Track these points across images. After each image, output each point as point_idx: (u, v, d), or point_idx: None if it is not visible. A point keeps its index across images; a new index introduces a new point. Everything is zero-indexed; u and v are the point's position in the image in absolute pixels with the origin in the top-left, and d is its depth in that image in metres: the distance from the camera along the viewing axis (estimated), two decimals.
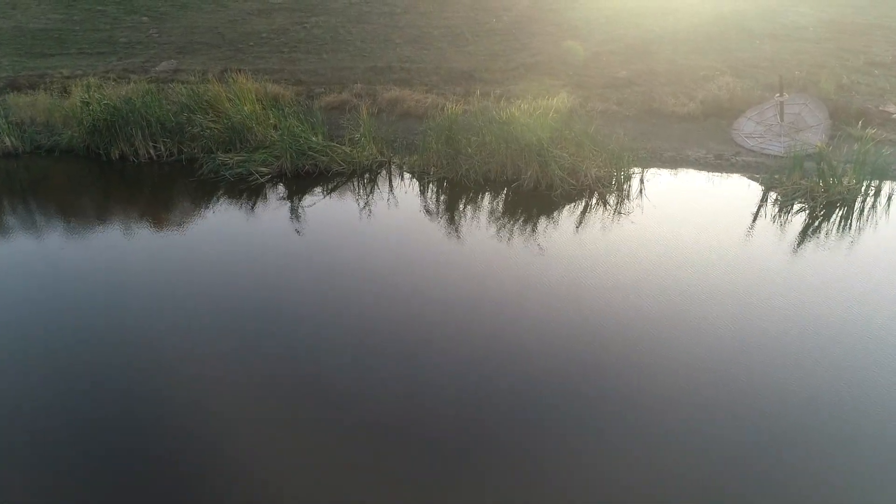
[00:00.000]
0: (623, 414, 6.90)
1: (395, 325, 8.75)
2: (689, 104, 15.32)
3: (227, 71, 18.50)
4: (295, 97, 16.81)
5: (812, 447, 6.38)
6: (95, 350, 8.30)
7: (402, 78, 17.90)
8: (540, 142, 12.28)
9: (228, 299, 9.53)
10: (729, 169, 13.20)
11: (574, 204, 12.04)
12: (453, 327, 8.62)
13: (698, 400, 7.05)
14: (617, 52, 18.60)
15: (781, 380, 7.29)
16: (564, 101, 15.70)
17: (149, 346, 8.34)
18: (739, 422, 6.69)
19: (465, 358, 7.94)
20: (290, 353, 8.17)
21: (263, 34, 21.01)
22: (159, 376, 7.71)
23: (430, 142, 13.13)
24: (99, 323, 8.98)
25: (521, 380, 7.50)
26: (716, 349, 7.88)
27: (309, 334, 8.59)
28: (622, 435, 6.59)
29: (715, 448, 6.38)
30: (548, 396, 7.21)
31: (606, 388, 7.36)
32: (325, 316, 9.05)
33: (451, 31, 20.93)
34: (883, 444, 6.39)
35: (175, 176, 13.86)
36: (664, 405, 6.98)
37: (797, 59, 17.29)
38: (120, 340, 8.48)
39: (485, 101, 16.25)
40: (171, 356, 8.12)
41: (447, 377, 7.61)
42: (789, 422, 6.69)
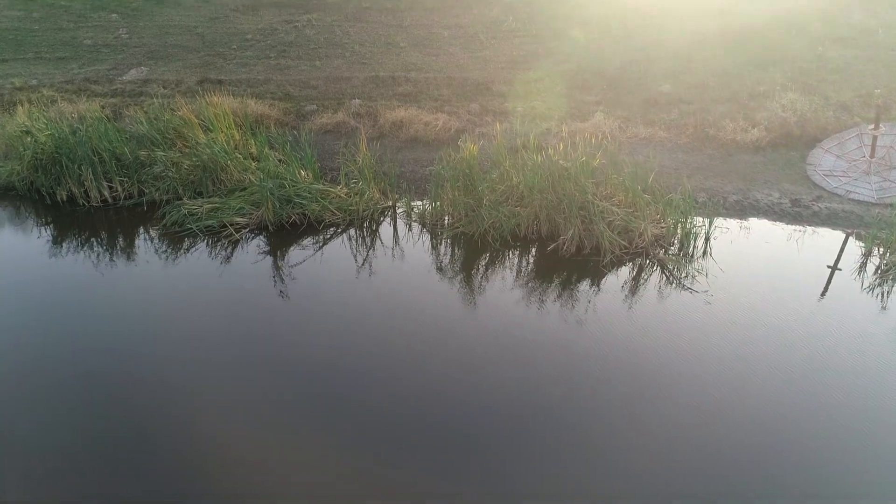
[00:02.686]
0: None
1: (405, 434, 6.81)
2: (752, 130, 12.78)
3: (205, 82, 15.96)
4: (282, 117, 14.29)
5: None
6: None
7: (407, 91, 15.33)
8: (583, 191, 9.80)
9: (190, 398, 7.32)
10: (810, 219, 10.72)
11: (626, 273, 9.61)
12: (482, 443, 6.51)
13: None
14: (658, 59, 15.98)
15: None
16: (602, 125, 13.21)
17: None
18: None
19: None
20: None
21: (248, 35, 18.37)
22: None
23: (444, 186, 10.64)
24: None
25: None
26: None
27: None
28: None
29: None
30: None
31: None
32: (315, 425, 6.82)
33: (463, 31, 18.28)
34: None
35: (131, 226, 11.40)
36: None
37: (871, 71, 14.68)
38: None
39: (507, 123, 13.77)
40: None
41: None
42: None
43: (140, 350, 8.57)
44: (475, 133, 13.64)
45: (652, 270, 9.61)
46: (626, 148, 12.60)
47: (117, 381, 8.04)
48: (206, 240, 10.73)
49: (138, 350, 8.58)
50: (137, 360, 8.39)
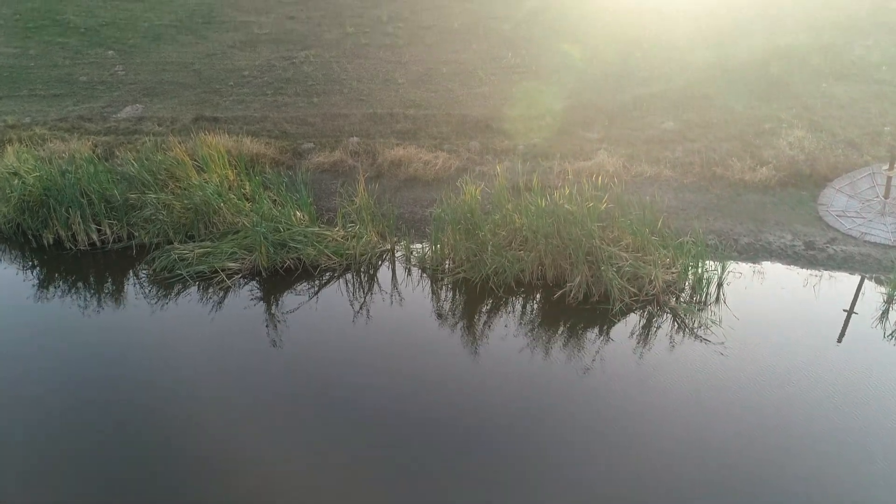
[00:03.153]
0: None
1: (408, 490, 6.52)
2: (760, 169, 12.46)
3: (200, 119, 15.69)
4: (278, 156, 13.97)
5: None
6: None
7: (406, 129, 15.06)
8: (590, 235, 9.40)
9: (179, 450, 6.86)
10: (826, 263, 10.32)
11: (637, 322, 9.16)
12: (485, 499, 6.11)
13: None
14: (660, 95, 15.77)
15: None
16: (605, 164, 12.90)
17: None
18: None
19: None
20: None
21: (245, 72, 18.19)
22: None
23: (445, 230, 10.25)
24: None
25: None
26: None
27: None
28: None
29: None
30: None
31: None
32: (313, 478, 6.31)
33: (462, 67, 18.11)
34: None
35: (118, 271, 10.96)
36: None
37: (878, 107, 14.45)
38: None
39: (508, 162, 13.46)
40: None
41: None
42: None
43: (126, 401, 8.14)
44: (475, 172, 13.32)
45: (663, 319, 9.16)
46: (630, 187, 12.27)
47: (102, 432, 7.62)
48: (196, 286, 10.28)
49: (124, 401, 8.15)
50: (123, 411, 7.97)
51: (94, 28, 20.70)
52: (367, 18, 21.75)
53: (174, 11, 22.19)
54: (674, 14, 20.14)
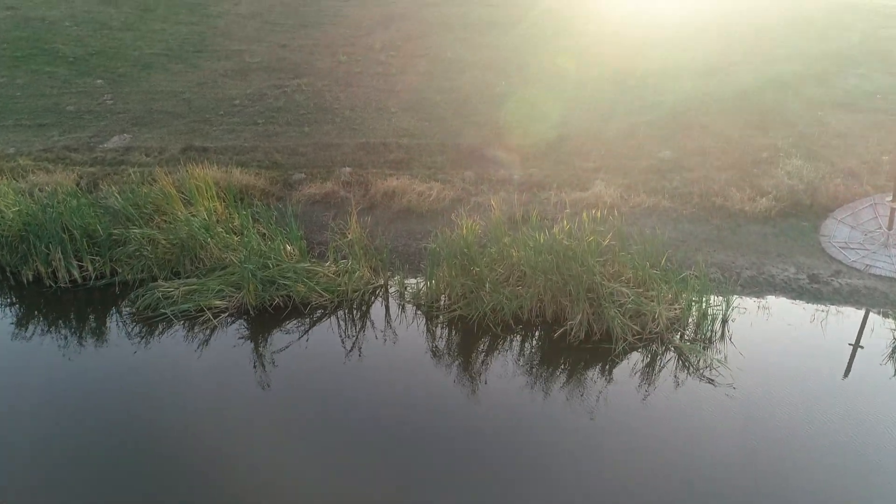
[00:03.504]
0: None
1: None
2: (760, 199, 12.26)
3: (189, 149, 15.39)
4: (268, 187, 13.65)
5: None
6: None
7: (399, 158, 14.81)
8: (590, 271, 9.09)
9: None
10: (832, 297, 10.04)
11: (641, 362, 8.81)
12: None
13: None
14: (656, 123, 15.64)
15: None
16: (603, 195, 12.67)
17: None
18: None
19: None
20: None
21: (236, 101, 17.96)
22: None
23: (440, 265, 9.91)
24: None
25: None
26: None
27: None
28: None
29: None
30: None
31: None
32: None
33: (456, 96, 17.97)
34: None
35: (100, 309, 10.52)
36: None
37: (875, 136, 14.36)
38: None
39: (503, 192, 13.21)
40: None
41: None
42: None
43: (108, 445, 7.70)
44: (471, 203, 13.05)
45: (668, 359, 8.82)
46: (629, 218, 12.01)
47: (81, 477, 7.19)
48: (181, 325, 9.86)
49: (105, 445, 7.71)
50: (104, 455, 7.55)
51: (83, 57, 20.48)
52: (359, 47, 21.67)
53: (165, 40, 22.04)
54: (666, 43, 20.17)
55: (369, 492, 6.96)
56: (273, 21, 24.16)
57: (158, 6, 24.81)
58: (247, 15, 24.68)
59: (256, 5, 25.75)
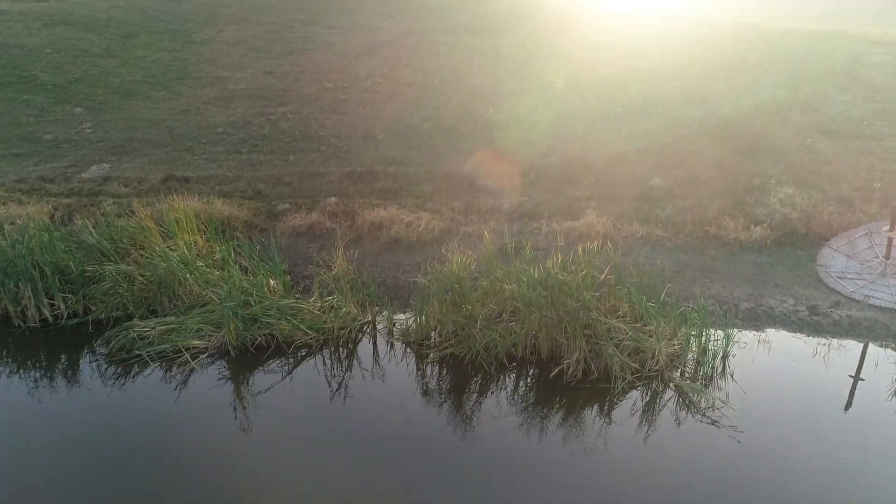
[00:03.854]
0: None
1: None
2: (755, 228, 12.06)
3: (170, 179, 14.97)
4: (251, 219, 13.24)
5: None
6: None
7: (386, 188, 14.49)
8: (586, 307, 8.75)
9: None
10: (832, 330, 9.78)
11: (641, 402, 8.44)
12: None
13: None
14: (646, 151, 15.49)
15: None
16: (595, 224, 12.41)
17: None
18: None
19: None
20: None
21: (219, 129, 17.60)
22: None
23: (430, 301, 9.53)
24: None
25: None
26: None
27: None
28: None
29: None
30: None
31: None
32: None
33: (443, 123, 17.76)
34: None
35: (72, 350, 9.98)
36: None
37: (865, 163, 14.30)
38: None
39: (493, 222, 12.92)
40: None
41: None
42: None
43: (78, 493, 7.14)
44: (460, 234, 12.73)
45: (669, 398, 8.46)
46: (622, 248, 11.76)
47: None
48: (158, 367, 9.35)
49: (76, 493, 7.15)
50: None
51: (62, 85, 20.06)
52: (345, 74, 21.49)
53: (147, 67, 21.71)
54: (651, 73, 20.20)
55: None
56: (258, 48, 23.95)
57: (141, 33, 24.54)
58: (231, 42, 24.47)
59: (241, 32, 25.58)
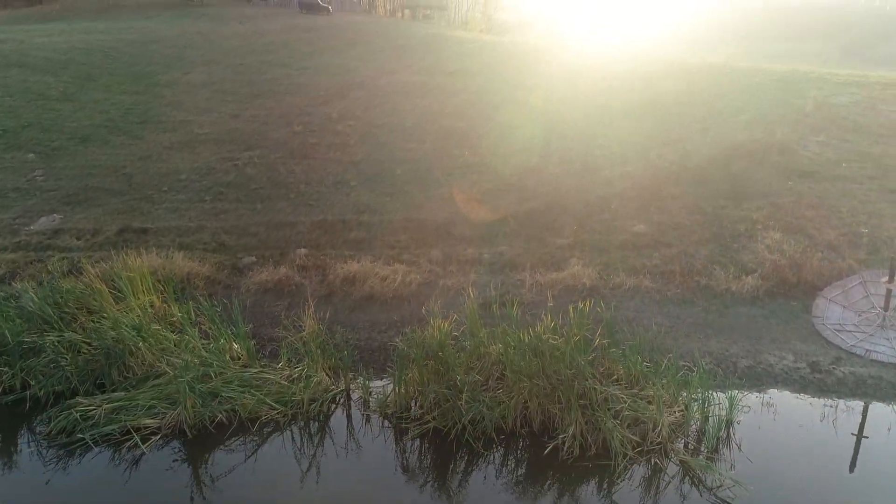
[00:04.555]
0: None
1: None
2: (745, 278, 11.61)
3: (126, 231, 14.01)
4: (214, 274, 12.33)
5: None
6: None
7: (359, 238, 13.75)
8: (581, 374, 8.04)
9: None
10: (836, 389, 9.23)
11: (644, 482, 7.68)
12: None
13: None
14: (626, 195, 15.09)
15: None
16: (580, 275, 11.83)
17: None
18: None
19: None
20: None
21: (182, 175, 16.73)
22: None
23: (411, 369, 8.72)
24: None
25: None
26: None
27: None
28: None
29: None
30: None
31: None
32: None
33: (418, 167, 17.19)
34: None
35: (7, 430, 8.86)
36: None
37: (847, 206, 14.08)
38: None
39: (473, 274, 12.24)
40: None
41: None
42: None
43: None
44: (439, 287, 12.02)
45: (673, 475, 7.72)
46: (610, 301, 11.16)
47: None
48: (104, 449, 8.29)
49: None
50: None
51: (13, 129, 19.01)
52: (315, 116, 20.91)
53: (107, 111, 20.81)
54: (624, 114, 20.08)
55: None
56: (225, 90, 23.30)
57: (102, 75, 23.70)
58: (197, 84, 23.77)
59: (208, 74, 24.93)
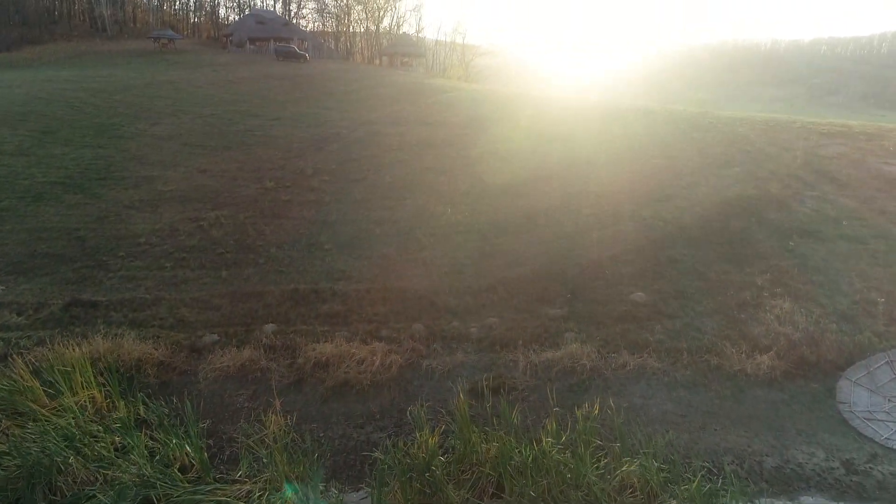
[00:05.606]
0: None
1: None
2: (760, 357, 10.58)
3: (74, 305, 12.59)
4: (169, 358, 10.94)
5: None
6: None
7: (334, 311, 12.51)
8: (591, 491, 6.82)
9: None
10: (878, 495, 8.10)
11: None
12: None
13: None
14: (621, 259, 14.15)
15: None
16: (578, 354, 10.71)
17: None
18: None
19: None
20: None
21: (141, 238, 15.42)
22: None
23: (392, 488, 7.41)
24: None
25: None
26: None
27: None
28: None
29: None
30: None
31: None
32: None
33: (398, 227, 16.13)
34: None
35: None
36: None
37: (856, 269, 13.30)
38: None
39: (460, 353, 11.05)
40: None
41: None
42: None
43: None
44: (423, 369, 10.79)
45: None
46: (614, 385, 10.06)
47: None
48: None
49: None
50: None
51: None
52: (288, 171, 19.89)
53: (65, 167, 19.54)
54: (612, 166, 19.42)
55: None
56: (193, 143, 22.21)
57: (62, 128, 22.49)
58: (164, 136, 22.67)
59: (176, 126, 23.87)
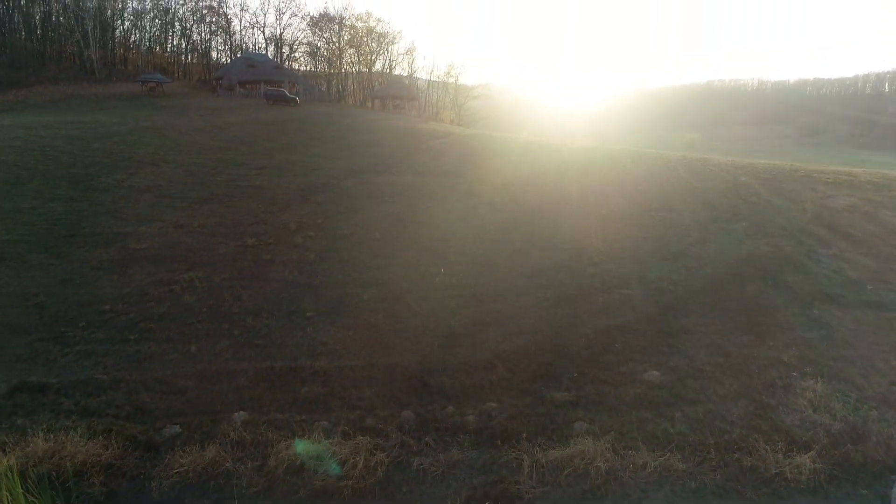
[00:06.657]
0: None
1: None
2: (799, 456, 9.26)
3: (21, 390, 11.19)
4: (119, 460, 9.49)
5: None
6: None
7: (313, 395, 11.17)
8: None
9: None
10: None
11: None
12: None
13: None
14: (630, 327, 12.93)
15: None
16: (591, 453, 9.38)
17: None
18: None
19: None
20: None
21: (106, 305, 14.07)
22: None
23: None
24: None
25: None
26: None
27: None
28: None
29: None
30: None
31: None
32: None
33: (387, 291, 14.88)
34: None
35: None
36: None
37: (887, 342, 12.14)
38: None
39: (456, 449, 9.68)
40: None
41: None
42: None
43: None
44: (413, 470, 9.40)
45: None
46: (633, 492, 8.72)
47: None
48: None
49: None
50: None
51: None
52: (271, 226, 18.70)
53: (31, 222, 18.28)
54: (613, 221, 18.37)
55: None
56: (172, 194, 21.05)
57: (33, 178, 21.29)
58: (141, 188, 21.51)
59: (154, 176, 22.75)
